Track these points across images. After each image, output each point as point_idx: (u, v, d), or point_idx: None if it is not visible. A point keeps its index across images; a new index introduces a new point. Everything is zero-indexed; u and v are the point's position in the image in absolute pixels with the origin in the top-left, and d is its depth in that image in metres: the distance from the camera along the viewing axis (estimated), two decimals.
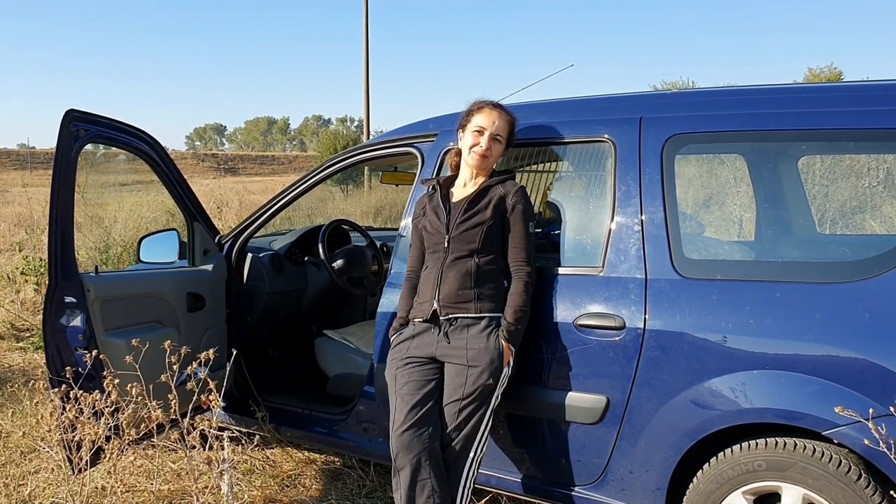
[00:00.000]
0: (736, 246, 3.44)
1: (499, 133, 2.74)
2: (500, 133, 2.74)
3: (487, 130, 2.73)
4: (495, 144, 2.74)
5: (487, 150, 2.72)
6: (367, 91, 24.10)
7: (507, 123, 2.76)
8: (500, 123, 2.74)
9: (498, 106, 2.79)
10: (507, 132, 2.77)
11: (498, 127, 2.74)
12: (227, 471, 3.01)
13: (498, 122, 2.74)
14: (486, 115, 2.75)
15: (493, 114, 2.75)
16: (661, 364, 2.45)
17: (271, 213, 3.69)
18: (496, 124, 2.73)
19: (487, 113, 2.76)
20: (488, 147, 2.72)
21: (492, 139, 2.73)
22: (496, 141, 2.74)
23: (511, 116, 2.79)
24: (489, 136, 2.72)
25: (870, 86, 2.56)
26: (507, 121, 2.77)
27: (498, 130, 2.74)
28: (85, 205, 8.77)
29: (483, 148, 2.72)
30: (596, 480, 2.65)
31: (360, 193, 18.14)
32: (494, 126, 2.73)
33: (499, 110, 2.77)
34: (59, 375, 2.84)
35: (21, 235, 11.58)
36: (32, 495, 3.30)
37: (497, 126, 2.74)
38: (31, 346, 6.09)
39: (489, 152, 2.73)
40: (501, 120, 2.75)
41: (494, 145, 2.74)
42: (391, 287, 3.05)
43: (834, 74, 30.00)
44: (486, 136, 2.72)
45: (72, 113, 3.00)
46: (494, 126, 2.73)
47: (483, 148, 2.72)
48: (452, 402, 2.60)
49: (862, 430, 2.06)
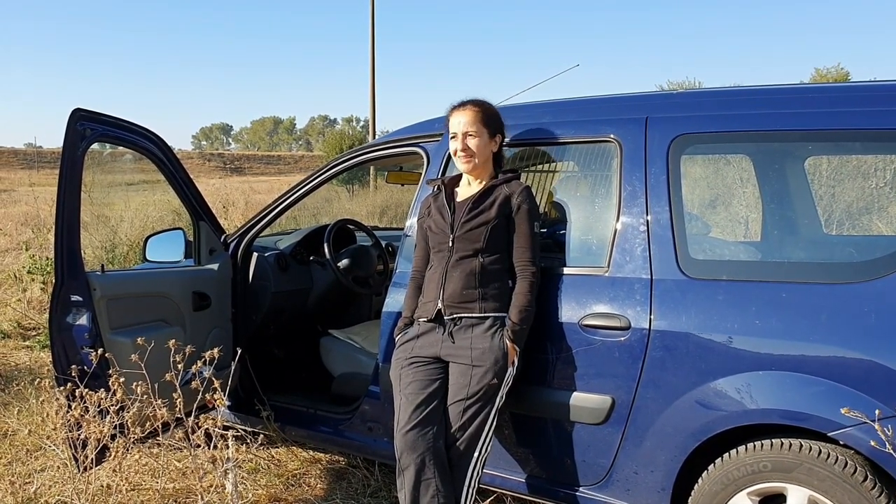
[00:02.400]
0: (742, 246, 3.44)
1: (469, 130, 2.72)
2: (470, 129, 2.72)
3: (459, 132, 2.73)
4: (472, 140, 2.72)
5: (464, 149, 2.72)
6: (373, 91, 24.14)
7: (474, 115, 2.74)
8: (467, 119, 2.73)
9: (463, 104, 2.79)
10: (479, 123, 2.73)
11: (466, 124, 2.72)
12: (231, 470, 3.01)
13: (464, 119, 2.73)
14: (454, 117, 2.77)
15: (458, 114, 2.76)
16: (666, 364, 2.45)
17: (277, 212, 3.70)
18: (463, 122, 2.73)
19: (454, 115, 2.77)
20: (464, 147, 2.72)
21: (465, 138, 2.72)
22: (469, 137, 2.72)
23: (478, 106, 2.77)
24: (461, 137, 2.73)
25: (877, 86, 2.55)
26: (475, 112, 2.75)
27: (467, 127, 2.72)
28: (91, 204, 8.82)
29: (461, 150, 2.73)
30: (601, 481, 2.65)
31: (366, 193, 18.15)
32: (462, 125, 2.73)
33: (462, 108, 2.77)
34: (65, 374, 2.85)
35: (28, 234, 11.64)
36: (38, 493, 3.31)
37: (464, 123, 2.73)
38: (38, 345, 6.11)
39: (469, 152, 2.72)
40: (467, 115, 2.74)
41: (472, 141, 2.72)
42: (396, 287, 3.05)
43: (841, 75, 29.89)
44: (459, 138, 2.73)
45: (78, 112, 3.01)
46: (462, 125, 2.73)
47: (461, 150, 2.73)
48: (457, 402, 2.60)
49: (868, 431, 2.05)
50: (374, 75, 24.00)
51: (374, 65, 23.90)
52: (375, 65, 23.91)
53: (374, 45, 23.71)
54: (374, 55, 23.81)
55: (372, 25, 23.62)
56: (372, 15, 23.62)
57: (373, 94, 24.15)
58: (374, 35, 23.62)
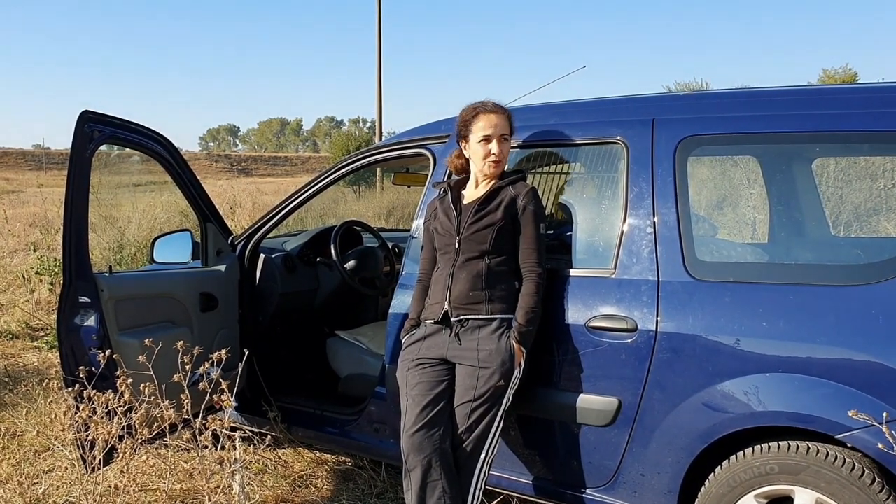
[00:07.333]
0: (749, 248, 3.43)
1: (504, 133, 2.73)
2: (504, 132, 2.73)
3: (494, 136, 2.71)
4: (506, 145, 2.74)
5: (499, 154, 2.71)
6: (379, 92, 24.14)
7: (506, 120, 2.75)
8: (501, 123, 2.73)
9: (495, 106, 2.77)
10: (509, 129, 2.76)
11: (501, 127, 2.72)
12: (238, 471, 3.02)
13: (499, 122, 2.72)
14: (487, 119, 2.72)
15: (492, 117, 2.72)
16: (673, 366, 2.44)
17: (284, 213, 3.71)
18: (498, 126, 2.72)
19: (487, 118, 2.73)
20: (499, 152, 2.71)
21: (501, 142, 2.72)
22: (505, 141, 2.74)
23: (507, 111, 2.78)
24: (497, 140, 2.71)
25: (885, 87, 2.54)
26: (506, 117, 2.76)
27: (502, 130, 2.73)
28: (99, 205, 8.85)
29: (496, 155, 2.71)
30: (607, 483, 2.65)
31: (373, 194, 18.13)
32: (497, 129, 2.72)
33: (496, 111, 2.75)
34: (73, 375, 2.86)
35: (36, 235, 11.67)
36: (46, 494, 3.33)
37: (500, 127, 2.72)
38: (46, 346, 6.14)
39: (502, 156, 2.73)
40: (501, 119, 2.73)
41: (505, 146, 2.74)
42: (403, 288, 3.06)
43: (849, 76, 29.78)
44: (495, 142, 2.71)
45: (86, 114, 3.03)
46: (497, 129, 2.72)
47: (496, 155, 2.71)
48: (464, 404, 2.60)
49: (876, 433, 2.04)
50: (380, 76, 24.01)
51: (380, 66, 23.90)
52: (382, 66, 23.92)
53: (381, 47, 23.71)
54: (381, 56, 23.82)
55: (378, 26, 23.64)
56: (378, 16, 23.64)
57: (379, 96, 24.16)
58: (380, 36, 23.63)
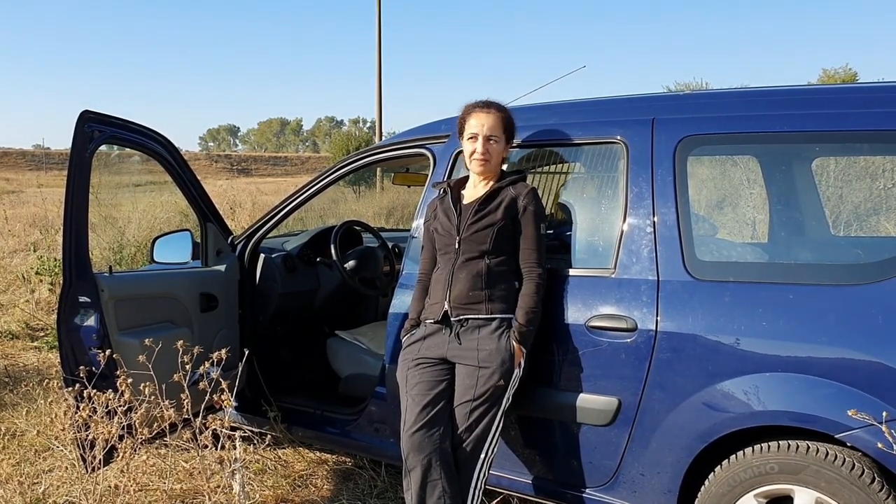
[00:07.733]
0: (749, 248, 3.43)
1: (492, 133, 2.72)
2: (493, 133, 2.72)
3: (480, 134, 2.71)
4: (492, 145, 2.72)
5: (484, 153, 2.71)
6: (379, 92, 24.14)
7: (498, 120, 2.74)
8: (490, 123, 2.72)
9: (486, 105, 2.76)
10: (501, 129, 2.74)
11: (489, 127, 2.71)
12: (238, 470, 3.02)
13: (488, 122, 2.72)
14: (476, 118, 2.74)
15: (481, 116, 2.73)
16: (673, 366, 2.44)
17: (284, 213, 3.71)
18: (486, 126, 2.71)
19: (476, 116, 2.74)
20: (485, 151, 2.71)
21: (486, 141, 2.71)
22: (491, 142, 2.72)
23: (502, 112, 2.77)
24: (483, 139, 2.71)
25: (885, 87, 2.54)
26: (499, 117, 2.74)
27: (490, 131, 2.71)
28: (99, 205, 8.83)
29: (480, 153, 2.71)
30: (607, 482, 2.65)
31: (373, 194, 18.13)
32: (485, 128, 2.71)
33: (487, 110, 2.74)
34: (73, 375, 2.86)
35: (36, 235, 11.67)
36: (46, 493, 3.33)
37: (488, 127, 2.71)
38: (46, 346, 6.14)
39: (487, 156, 2.71)
40: (491, 119, 2.72)
41: (491, 146, 2.72)
42: (403, 288, 3.06)
43: (849, 76, 29.78)
44: (480, 140, 2.71)
45: (86, 114, 3.03)
46: (485, 128, 2.71)
47: (480, 153, 2.71)
48: (464, 403, 2.60)
49: (876, 433, 2.04)
50: (380, 76, 24.01)
51: (380, 66, 23.90)
52: (382, 66, 23.92)
53: (381, 47, 23.70)
54: (381, 56, 23.81)
55: (378, 27, 23.63)
56: (378, 16, 23.64)
57: (379, 96, 24.16)
58: (380, 36, 23.62)
